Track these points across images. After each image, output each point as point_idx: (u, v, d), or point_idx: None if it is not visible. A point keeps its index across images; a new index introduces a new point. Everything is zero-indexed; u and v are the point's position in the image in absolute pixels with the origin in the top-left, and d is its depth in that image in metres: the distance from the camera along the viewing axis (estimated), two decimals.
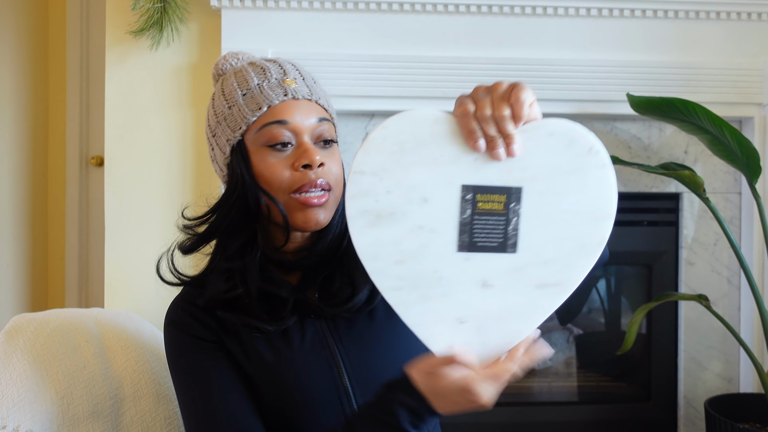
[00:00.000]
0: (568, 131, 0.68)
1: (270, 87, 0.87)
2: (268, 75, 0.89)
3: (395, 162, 0.67)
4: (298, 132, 0.86)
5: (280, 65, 0.91)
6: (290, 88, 0.88)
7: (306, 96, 0.88)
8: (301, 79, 0.90)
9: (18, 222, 1.96)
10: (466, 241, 0.68)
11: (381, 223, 0.68)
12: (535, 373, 1.86)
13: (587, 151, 0.68)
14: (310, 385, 0.86)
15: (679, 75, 1.63)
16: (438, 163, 0.67)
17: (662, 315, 1.72)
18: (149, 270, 1.57)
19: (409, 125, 0.68)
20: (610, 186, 0.68)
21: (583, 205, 0.69)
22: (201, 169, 1.59)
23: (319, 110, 0.89)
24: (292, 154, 0.86)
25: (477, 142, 0.66)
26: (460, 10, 1.59)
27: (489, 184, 0.67)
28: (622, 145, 1.69)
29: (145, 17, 1.52)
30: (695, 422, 1.70)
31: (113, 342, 1.15)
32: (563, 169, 0.68)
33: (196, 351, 0.88)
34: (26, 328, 1.07)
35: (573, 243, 0.69)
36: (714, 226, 1.69)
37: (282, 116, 0.86)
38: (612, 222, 0.69)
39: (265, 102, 0.86)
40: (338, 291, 0.90)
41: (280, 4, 1.55)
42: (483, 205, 0.68)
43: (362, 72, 1.56)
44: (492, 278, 0.69)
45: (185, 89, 1.59)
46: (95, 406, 1.05)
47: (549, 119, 0.68)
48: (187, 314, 0.91)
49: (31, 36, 2.01)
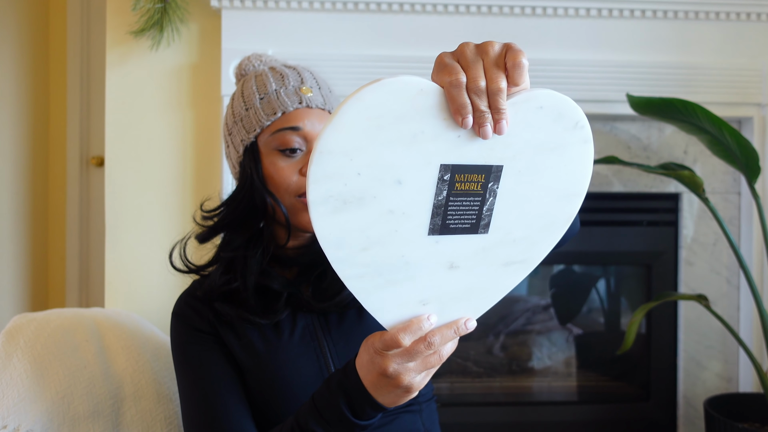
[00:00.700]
0: (557, 104, 0.63)
1: (287, 94, 0.92)
2: (285, 82, 0.93)
3: (369, 139, 0.58)
4: (309, 139, 0.91)
5: (299, 73, 0.96)
6: (305, 97, 0.92)
7: (320, 105, 0.93)
8: (317, 89, 0.95)
9: (18, 222, 1.96)
10: (438, 224, 0.63)
11: (347, 208, 0.60)
12: (535, 373, 1.87)
13: (573, 125, 0.64)
14: (296, 376, 0.90)
15: (679, 75, 1.63)
16: (418, 140, 0.59)
17: (662, 315, 1.73)
18: (149, 270, 1.59)
19: (388, 97, 0.57)
20: (587, 163, 0.66)
21: (558, 182, 0.66)
22: (201, 169, 1.59)
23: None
24: (301, 160, 0.91)
25: (465, 119, 0.57)
26: (460, 10, 1.59)
27: (469, 163, 0.61)
28: (621, 145, 1.69)
29: (145, 18, 1.52)
30: (695, 422, 1.71)
31: (113, 342, 1.15)
32: (546, 146, 0.64)
33: (193, 341, 0.93)
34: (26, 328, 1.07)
35: (543, 221, 0.67)
36: (713, 226, 1.70)
37: (295, 123, 0.90)
38: (582, 199, 0.67)
39: (280, 108, 0.91)
40: (328, 287, 0.94)
41: (280, 4, 1.55)
42: (460, 185, 0.62)
43: (362, 72, 1.56)
44: (459, 260, 0.66)
45: (185, 89, 1.59)
46: (95, 405, 1.05)
47: (538, 90, 0.62)
48: (188, 306, 0.96)
49: (32, 36, 2.01)
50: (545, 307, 1.89)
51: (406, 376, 0.67)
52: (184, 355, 0.93)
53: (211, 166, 1.59)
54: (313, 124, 0.91)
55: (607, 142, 1.68)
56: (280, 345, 0.91)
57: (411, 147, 0.59)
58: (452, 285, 0.67)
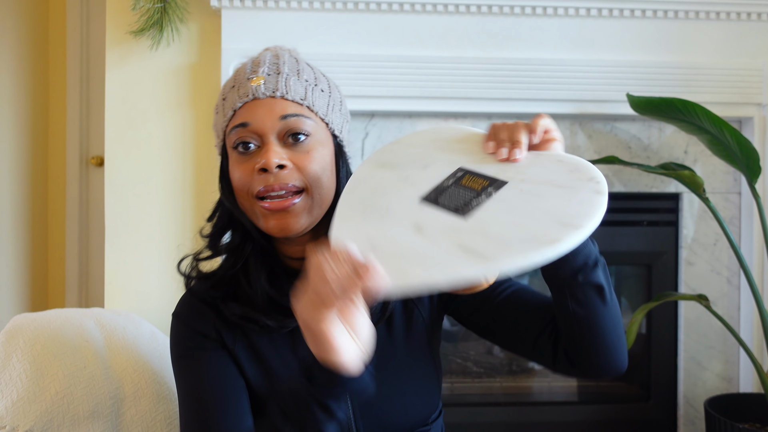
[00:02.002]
0: (577, 162, 0.73)
1: (239, 88, 0.85)
2: (241, 75, 0.87)
3: (425, 144, 0.82)
4: (261, 133, 0.83)
5: (259, 61, 0.88)
6: (252, 87, 0.84)
7: (269, 94, 0.83)
8: (275, 75, 0.85)
9: (18, 222, 1.96)
10: (432, 198, 0.73)
11: (383, 167, 0.79)
12: (535, 372, 1.86)
13: (588, 178, 0.70)
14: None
15: (679, 75, 1.63)
16: (452, 150, 0.79)
17: (662, 315, 1.72)
18: (149, 270, 1.58)
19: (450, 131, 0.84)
20: (597, 208, 0.66)
21: (559, 209, 0.67)
22: (201, 169, 1.59)
23: (287, 106, 0.83)
24: (254, 156, 0.83)
25: (488, 142, 0.77)
26: (460, 10, 1.59)
27: (481, 172, 0.74)
28: (622, 145, 1.69)
29: (145, 17, 1.52)
30: (695, 422, 1.70)
31: (113, 342, 1.15)
32: (556, 182, 0.70)
33: (193, 343, 0.89)
34: (26, 328, 1.07)
35: (525, 232, 0.65)
36: (714, 226, 1.69)
37: (243, 119, 0.83)
38: (578, 235, 0.64)
39: (230, 107, 0.85)
40: None
41: (280, 4, 1.55)
42: (465, 182, 0.74)
43: (362, 72, 1.56)
44: (428, 228, 0.69)
45: (185, 89, 1.59)
46: (95, 406, 1.05)
47: (566, 154, 0.76)
48: (190, 307, 0.91)
49: (32, 36, 2.01)
50: None
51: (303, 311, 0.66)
52: (184, 359, 0.89)
53: (210, 166, 1.59)
54: (262, 116, 0.82)
55: (607, 142, 1.68)
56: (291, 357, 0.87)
57: (445, 153, 0.79)
58: (405, 243, 0.67)
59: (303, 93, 0.85)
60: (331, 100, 0.89)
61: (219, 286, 0.90)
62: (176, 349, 0.91)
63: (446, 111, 1.61)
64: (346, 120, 0.92)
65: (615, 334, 0.82)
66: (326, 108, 0.88)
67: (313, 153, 0.84)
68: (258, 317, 0.86)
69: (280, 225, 0.82)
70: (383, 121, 1.64)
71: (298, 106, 0.84)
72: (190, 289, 0.94)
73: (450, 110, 1.61)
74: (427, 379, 0.92)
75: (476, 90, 1.59)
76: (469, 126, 0.84)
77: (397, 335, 0.91)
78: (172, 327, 0.93)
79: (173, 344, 0.91)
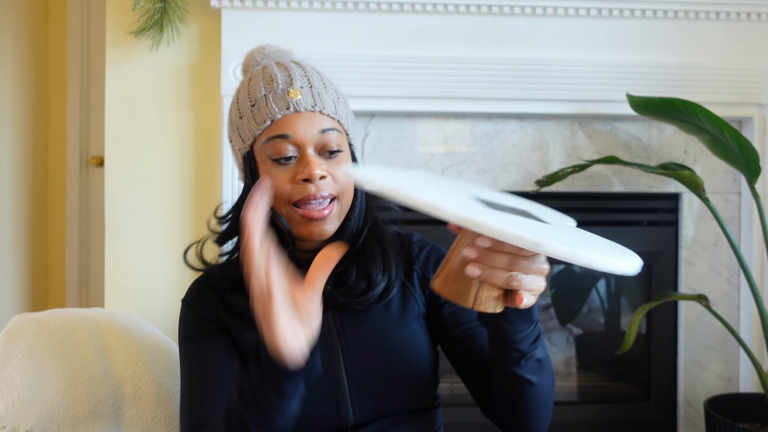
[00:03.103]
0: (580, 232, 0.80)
1: (275, 99, 0.89)
2: (274, 85, 0.91)
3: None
4: (301, 145, 0.88)
5: (289, 73, 0.92)
6: (293, 101, 0.89)
7: (309, 108, 0.89)
8: (309, 88, 0.91)
9: (18, 222, 1.96)
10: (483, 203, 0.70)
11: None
12: None
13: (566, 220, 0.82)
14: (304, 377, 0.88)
15: (679, 75, 1.63)
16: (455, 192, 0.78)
17: (662, 315, 1.72)
18: (149, 270, 1.59)
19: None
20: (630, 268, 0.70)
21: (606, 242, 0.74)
22: (201, 169, 1.59)
23: (324, 120, 0.90)
24: (295, 167, 0.89)
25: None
26: (460, 10, 1.59)
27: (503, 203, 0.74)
28: (622, 145, 1.69)
29: (145, 17, 1.52)
30: (695, 422, 1.70)
31: (113, 342, 1.15)
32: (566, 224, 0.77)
33: (199, 328, 0.93)
34: (26, 328, 1.07)
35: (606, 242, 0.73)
36: (714, 226, 1.70)
37: (284, 130, 0.88)
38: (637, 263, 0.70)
39: (268, 116, 0.89)
40: (354, 284, 0.92)
41: (280, 4, 1.55)
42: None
43: (362, 72, 1.56)
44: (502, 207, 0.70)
45: (185, 89, 1.59)
46: (95, 406, 1.05)
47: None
48: (198, 294, 0.96)
49: (32, 36, 2.01)
50: (545, 307, 1.89)
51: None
52: (188, 341, 0.93)
53: (211, 166, 1.59)
54: (303, 129, 0.88)
55: (607, 142, 1.68)
56: None
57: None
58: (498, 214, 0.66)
59: (333, 107, 0.92)
60: (348, 110, 0.96)
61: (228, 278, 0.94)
62: (183, 333, 0.95)
63: (446, 111, 1.61)
64: (355, 127, 1.00)
65: (542, 408, 0.87)
66: (347, 119, 0.95)
67: (344, 162, 0.91)
68: None
69: (319, 231, 0.89)
70: (383, 121, 1.64)
71: (331, 120, 0.91)
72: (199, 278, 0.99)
73: (450, 110, 1.61)
74: (422, 363, 0.95)
75: (476, 90, 1.59)
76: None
77: (393, 316, 0.95)
78: (181, 313, 0.97)
79: (181, 328, 0.96)
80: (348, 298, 0.91)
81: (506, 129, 1.67)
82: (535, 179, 1.66)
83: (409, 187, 0.63)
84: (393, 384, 0.91)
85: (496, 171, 1.67)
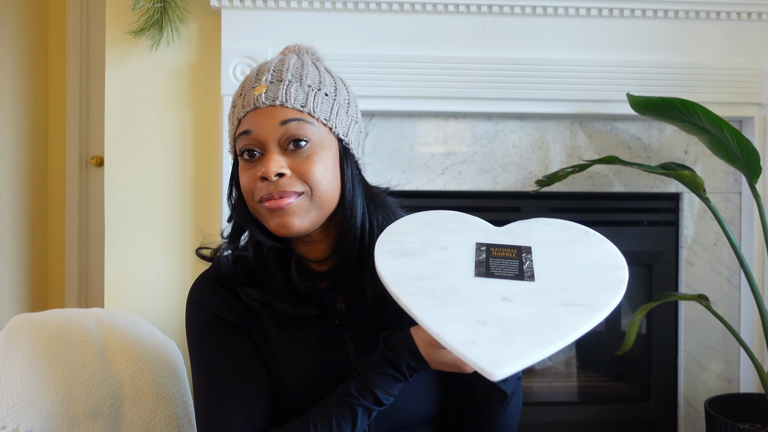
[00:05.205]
0: (562, 222, 0.84)
1: (245, 97, 0.89)
2: (247, 84, 0.90)
3: (419, 229, 0.84)
4: (262, 141, 0.86)
5: (259, 70, 0.91)
6: (254, 96, 0.87)
7: (270, 102, 0.86)
8: (277, 82, 0.88)
9: (18, 222, 1.96)
10: (482, 271, 0.75)
11: (403, 257, 0.79)
12: (535, 373, 1.86)
13: (584, 232, 0.83)
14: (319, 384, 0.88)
15: (679, 75, 1.63)
16: (457, 231, 0.84)
17: (662, 315, 1.72)
18: (149, 270, 1.58)
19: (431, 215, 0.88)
20: (613, 249, 0.80)
21: (593, 259, 0.77)
22: (201, 169, 1.59)
23: (285, 112, 0.86)
24: (259, 164, 0.87)
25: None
26: (460, 10, 1.59)
27: (500, 243, 0.79)
28: (622, 145, 1.69)
29: (145, 17, 1.52)
30: (695, 422, 1.70)
31: (113, 342, 1.15)
32: (565, 239, 0.80)
33: (216, 328, 0.91)
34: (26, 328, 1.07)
35: (591, 280, 0.74)
36: (714, 226, 1.69)
37: (246, 126, 0.87)
38: (626, 272, 0.76)
39: (236, 115, 0.89)
40: (368, 307, 0.91)
41: (280, 4, 1.55)
42: (496, 252, 0.78)
43: (362, 72, 1.56)
44: (512, 295, 0.72)
45: (185, 89, 1.59)
46: (95, 406, 1.05)
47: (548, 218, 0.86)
48: (214, 294, 0.92)
49: (31, 36, 2.01)
50: None
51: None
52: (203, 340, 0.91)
53: (211, 166, 1.59)
54: (263, 123, 0.85)
55: (607, 142, 1.68)
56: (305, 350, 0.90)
57: (452, 234, 0.83)
58: (511, 312, 0.70)
59: (304, 99, 0.87)
60: (336, 103, 0.90)
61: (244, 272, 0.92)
62: (196, 334, 0.92)
63: (446, 111, 1.61)
64: (354, 121, 0.93)
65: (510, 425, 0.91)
66: (329, 112, 0.89)
67: (314, 157, 0.86)
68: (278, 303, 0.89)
69: (282, 223, 0.86)
70: (383, 121, 1.64)
71: (297, 113, 0.86)
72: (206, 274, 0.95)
73: (450, 110, 1.61)
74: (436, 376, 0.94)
75: (476, 90, 1.59)
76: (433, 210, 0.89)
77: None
78: (191, 312, 0.93)
79: (194, 330, 0.93)
80: (361, 322, 0.91)
81: (506, 129, 1.67)
82: (536, 179, 1.65)
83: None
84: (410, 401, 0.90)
85: (496, 171, 1.66)
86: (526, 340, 0.66)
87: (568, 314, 0.69)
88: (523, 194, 1.68)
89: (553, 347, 0.66)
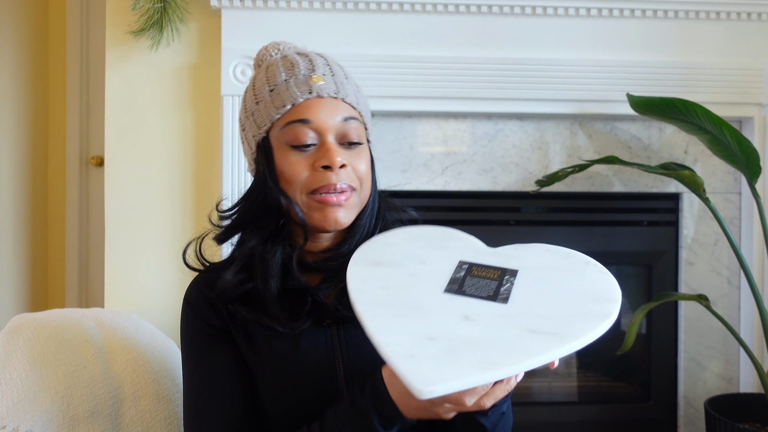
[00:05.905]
0: (564, 250, 0.79)
1: (296, 84, 0.86)
2: (296, 71, 0.88)
3: (406, 242, 0.81)
4: (322, 131, 0.85)
5: (311, 60, 0.89)
6: (316, 86, 0.85)
7: (332, 94, 0.86)
8: (330, 76, 0.88)
9: (18, 222, 1.96)
10: (454, 288, 0.72)
11: (378, 266, 0.76)
12: (535, 373, 1.86)
13: (584, 262, 0.77)
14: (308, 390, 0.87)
15: (679, 75, 1.63)
16: (445, 247, 0.80)
17: (662, 315, 1.72)
18: (149, 270, 1.59)
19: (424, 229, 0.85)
20: (611, 283, 0.73)
21: (583, 289, 0.72)
22: (201, 169, 1.59)
23: (346, 109, 0.87)
24: (314, 154, 0.85)
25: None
26: (460, 10, 1.59)
27: (485, 263, 0.76)
28: (622, 145, 1.69)
29: (145, 17, 1.52)
30: (695, 422, 1.70)
31: (113, 342, 1.15)
32: (559, 267, 0.76)
33: (203, 334, 0.90)
34: (26, 328, 1.07)
35: (571, 310, 0.69)
36: (714, 226, 1.69)
37: (305, 115, 0.85)
38: (618, 306, 0.70)
39: (289, 100, 0.85)
40: None
41: (280, 4, 1.55)
42: (477, 272, 0.75)
43: (362, 72, 1.56)
44: (475, 315, 0.68)
45: (185, 89, 1.59)
46: (95, 406, 1.05)
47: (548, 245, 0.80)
48: (202, 297, 0.91)
49: (31, 36, 2.01)
50: None
51: (450, 413, 0.72)
52: (193, 346, 0.90)
53: (211, 166, 1.59)
54: (324, 115, 0.84)
55: (607, 142, 1.68)
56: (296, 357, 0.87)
57: (437, 250, 0.80)
58: (467, 332, 0.66)
59: (355, 97, 0.89)
60: (367, 105, 0.94)
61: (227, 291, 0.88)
62: (186, 335, 0.92)
63: (446, 111, 1.61)
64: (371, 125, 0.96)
65: None
66: (367, 114, 0.93)
67: (363, 155, 0.88)
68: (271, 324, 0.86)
69: (334, 217, 0.85)
70: (383, 121, 1.64)
71: (353, 110, 0.88)
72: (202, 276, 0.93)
73: (450, 110, 1.61)
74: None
75: (476, 90, 1.59)
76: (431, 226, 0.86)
77: None
78: (183, 313, 0.93)
79: (184, 332, 0.92)
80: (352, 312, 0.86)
81: (506, 129, 1.67)
82: (535, 179, 1.65)
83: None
84: None
85: (496, 171, 1.67)
86: (469, 361, 0.62)
87: (530, 341, 0.65)
88: (523, 194, 1.68)
89: (497, 372, 0.61)
